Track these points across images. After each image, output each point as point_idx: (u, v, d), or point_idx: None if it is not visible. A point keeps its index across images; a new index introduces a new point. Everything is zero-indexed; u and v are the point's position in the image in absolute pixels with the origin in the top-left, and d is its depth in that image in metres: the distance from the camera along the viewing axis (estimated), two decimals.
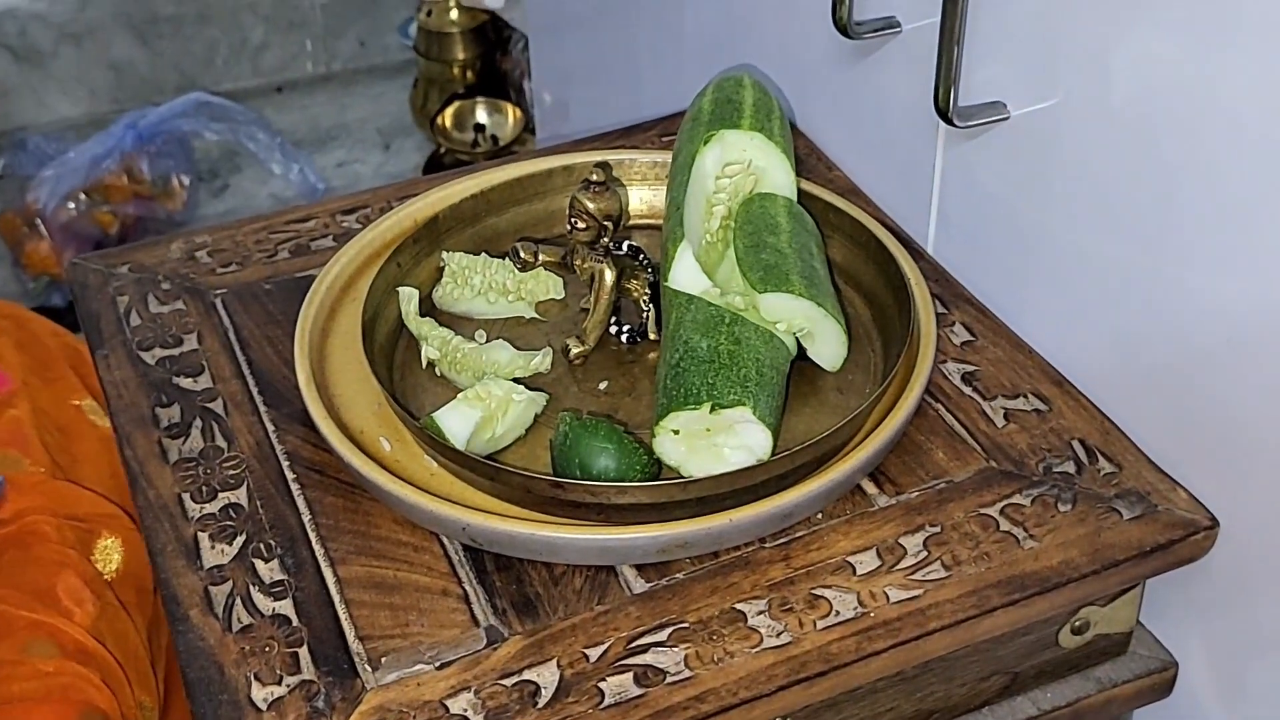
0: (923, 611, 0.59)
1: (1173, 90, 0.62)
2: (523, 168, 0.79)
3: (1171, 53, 0.61)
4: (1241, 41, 0.57)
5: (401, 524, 0.64)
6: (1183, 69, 0.61)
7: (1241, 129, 0.59)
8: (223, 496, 0.66)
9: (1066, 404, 0.69)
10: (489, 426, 0.64)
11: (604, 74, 1.33)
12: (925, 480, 0.65)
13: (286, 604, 0.61)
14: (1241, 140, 0.59)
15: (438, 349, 0.69)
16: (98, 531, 0.85)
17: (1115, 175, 0.66)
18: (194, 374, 0.74)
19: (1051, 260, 0.72)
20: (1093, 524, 0.63)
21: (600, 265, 0.66)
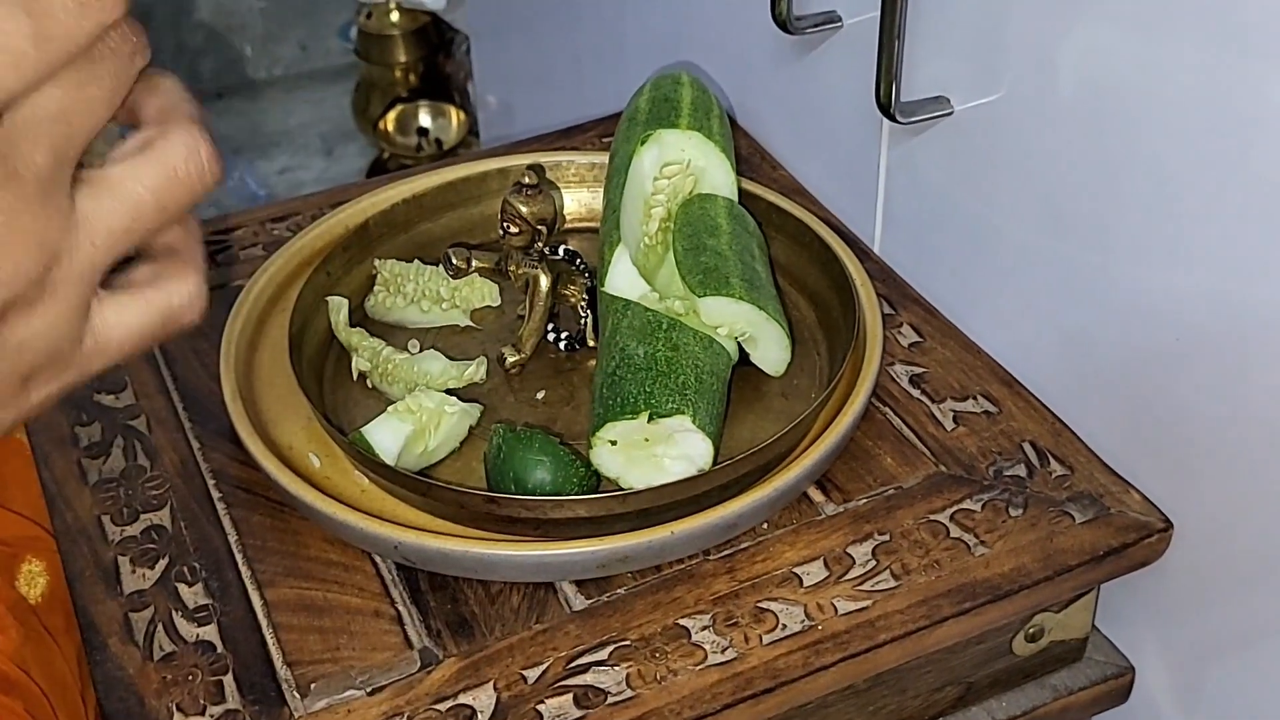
0: (872, 623, 0.57)
1: (1117, 84, 0.60)
2: (457, 171, 0.77)
3: (1116, 46, 0.60)
4: (1185, 34, 0.56)
5: (332, 543, 0.61)
6: (1127, 63, 0.59)
7: (1186, 123, 0.57)
8: (145, 518, 0.64)
9: (1016, 405, 0.68)
10: (421, 440, 0.61)
11: (547, 75, 1.31)
12: (874, 487, 0.63)
13: (211, 629, 0.58)
14: (1187, 135, 0.57)
15: (368, 360, 0.67)
16: (21, 555, 0.82)
17: (1061, 170, 0.65)
18: (116, 390, 0.71)
19: (998, 258, 0.70)
20: (1045, 528, 0.61)
21: (535, 271, 0.64)
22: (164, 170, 0.37)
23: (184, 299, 0.39)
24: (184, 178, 0.37)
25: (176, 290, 0.39)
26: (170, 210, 0.37)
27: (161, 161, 0.37)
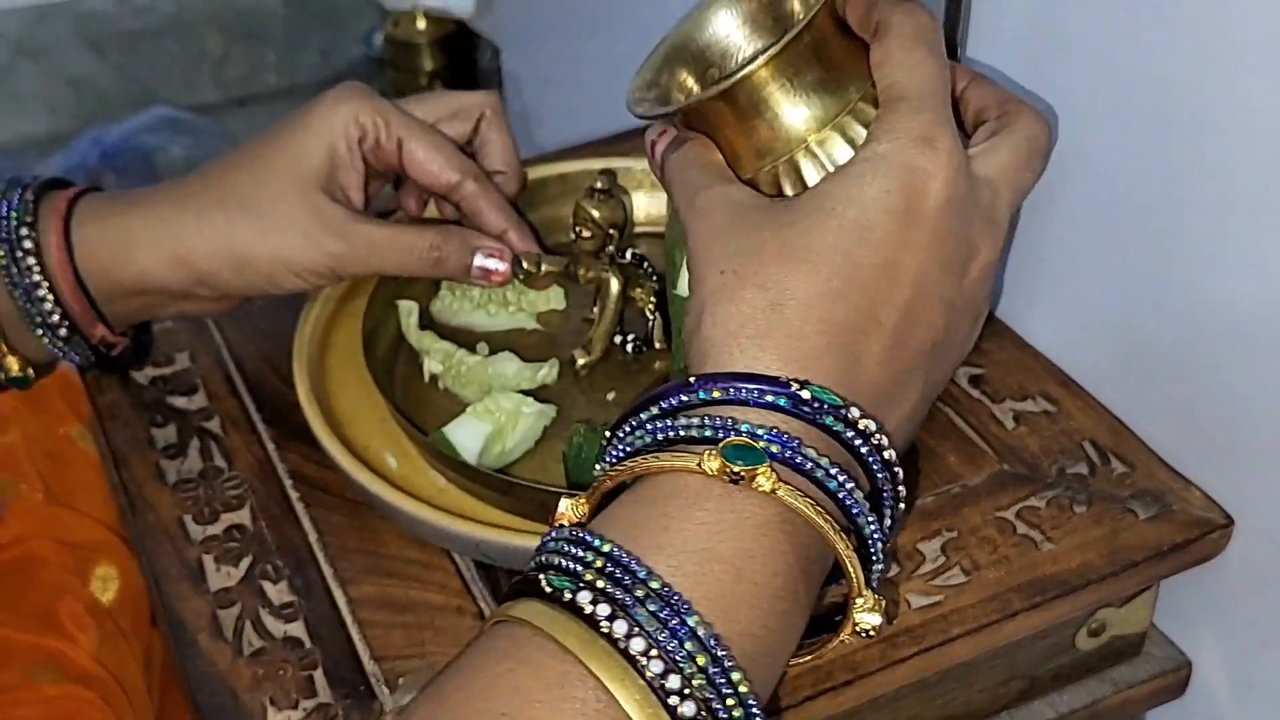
0: (945, 617, 0.59)
1: (1178, 83, 0.61)
2: None
3: (1176, 45, 0.61)
4: (1248, 34, 0.57)
5: (410, 541, 0.63)
6: (1188, 62, 0.60)
7: (1250, 123, 0.58)
8: (225, 517, 0.65)
9: (1075, 405, 0.69)
10: (499, 440, 0.63)
11: (579, 82, 1.32)
12: (939, 485, 0.65)
13: (298, 626, 0.60)
14: (1249, 134, 0.59)
15: (440, 363, 0.68)
16: (94, 559, 0.83)
17: (1119, 171, 0.66)
18: (188, 393, 0.72)
19: (1054, 258, 0.72)
20: (1109, 525, 0.62)
21: (606, 274, 0.65)
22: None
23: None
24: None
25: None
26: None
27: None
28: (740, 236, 0.49)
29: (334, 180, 0.64)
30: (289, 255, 0.63)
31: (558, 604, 0.42)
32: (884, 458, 0.47)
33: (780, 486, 0.44)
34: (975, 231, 0.50)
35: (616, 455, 0.48)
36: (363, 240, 0.63)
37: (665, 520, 0.44)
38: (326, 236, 0.63)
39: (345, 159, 0.64)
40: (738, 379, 0.46)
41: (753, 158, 0.52)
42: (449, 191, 0.66)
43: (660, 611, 0.41)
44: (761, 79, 0.51)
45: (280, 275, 0.64)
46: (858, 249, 0.47)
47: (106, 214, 0.65)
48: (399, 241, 0.64)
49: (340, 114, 0.64)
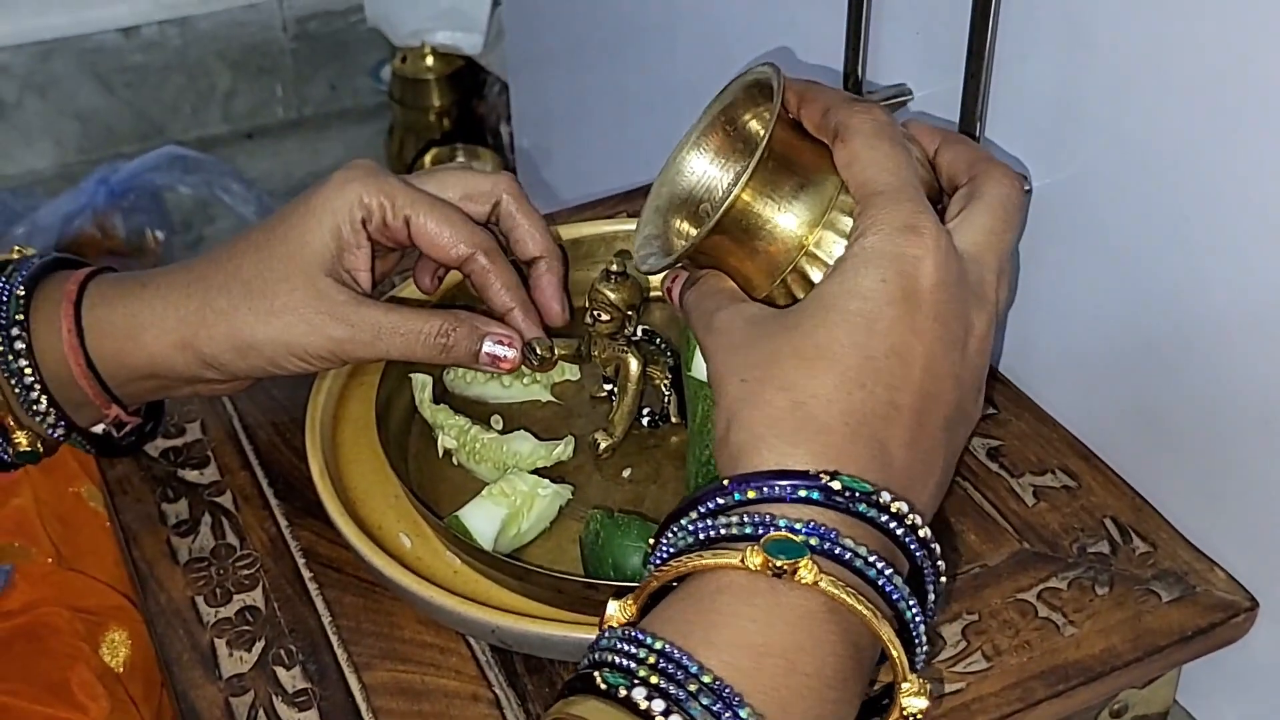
0: (967, 706, 0.58)
1: (1194, 160, 0.61)
2: None
3: (1193, 122, 0.60)
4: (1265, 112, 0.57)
5: (426, 624, 0.62)
6: (1204, 138, 0.60)
7: (1268, 195, 0.58)
8: (238, 599, 0.64)
9: (1095, 480, 0.68)
10: (514, 523, 0.62)
11: (586, 118, 1.32)
12: (960, 565, 0.64)
13: (312, 715, 0.59)
14: (1267, 209, 0.58)
15: (455, 439, 0.67)
16: (106, 624, 0.83)
17: (1138, 245, 0.66)
18: (199, 466, 0.72)
19: (1074, 331, 0.71)
20: (1132, 608, 0.62)
21: (624, 355, 0.65)
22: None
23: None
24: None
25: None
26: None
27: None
28: (755, 346, 0.50)
29: (339, 262, 0.64)
30: (291, 340, 0.63)
31: (613, 700, 0.43)
32: (920, 537, 0.48)
33: (822, 578, 0.45)
34: (969, 306, 0.51)
35: (660, 557, 0.49)
36: (368, 325, 0.63)
37: (715, 616, 0.45)
38: (330, 321, 0.62)
39: (350, 240, 0.63)
40: (771, 476, 0.47)
41: (764, 277, 0.54)
42: (461, 266, 0.65)
43: (713, 705, 0.42)
44: (745, 203, 0.53)
45: (283, 359, 0.63)
46: (867, 340, 0.49)
47: (116, 297, 0.64)
48: (405, 327, 0.63)
49: (345, 196, 0.63)
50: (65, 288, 0.64)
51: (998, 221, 0.53)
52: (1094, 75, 0.65)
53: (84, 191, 1.66)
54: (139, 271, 0.67)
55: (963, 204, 0.54)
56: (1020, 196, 0.54)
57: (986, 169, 0.55)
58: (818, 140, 0.54)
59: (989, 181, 0.54)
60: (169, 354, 0.63)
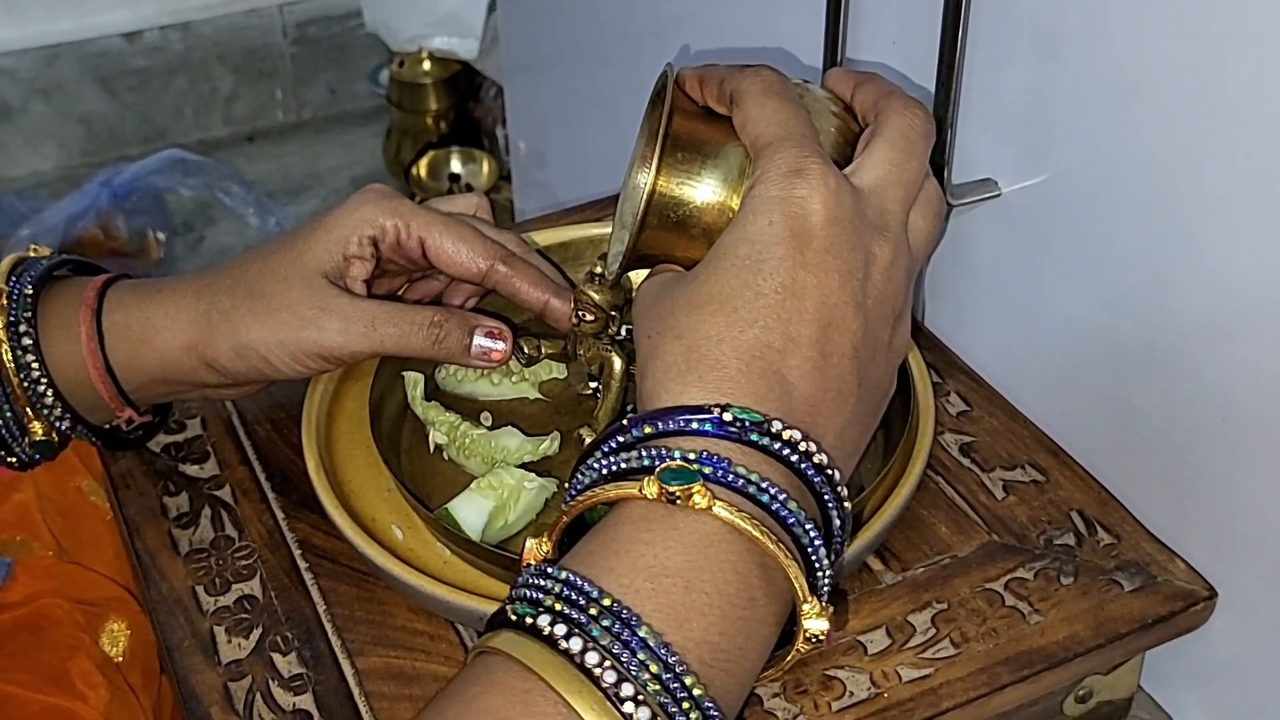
0: (935, 691, 0.60)
1: (1165, 166, 0.63)
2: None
3: (1163, 128, 0.63)
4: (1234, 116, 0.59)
5: (417, 612, 0.65)
6: (1175, 144, 0.62)
7: (1236, 203, 0.60)
8: (236, 588, 0.67)
9: (1063, 474, 0.71)
10: (501, 515, 0.65)
11: (581, 121, 1.34)
12: (930, 556, 0.67)
13: (307, 698, 0.61)
14: (1236, 215, 0.60)
15: (445, 434, 0.70)
16: (105, 615, 0.85)
17: (1109, 249, 0.68)
18: (199, 460, 0.74)
19: (1044, 331, 0.74)
20: (1095, 597, 0.64)
21: (608, 354, 0.67)
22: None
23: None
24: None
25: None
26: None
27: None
28: (658, 303, 0.54)
29: (340, 271, 0.66)
30: (285, 337, 0.65)
31: (522, 629, 0.46)
32: (816, 463, 0.50)
33: (716, 503, 0.47)
34: (868, 238, 0.53)
35: (571, 495, 0.52)
36: (361, 316, 0.65)
37: (615, 545, 0.48)
38: (324, 315, 0.64)
39: (354, 253, 0.65)
40: (665, 413, 0.50)
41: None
42: (483, 279, 0.67)
43: (613, 626, 0.45)
44: (660, 193, 0.56)
45: (278, 359, 0.65)
46: (755, 279, 0.51)
47: (133, 302, 0.67)
48: (399, 316, 0.65)
49: (359, 214, 0.66)
50: (84, 294, 0.67)
51: (898, 153, 0.55)
52: (1064, 83, 0.67)
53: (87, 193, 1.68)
54: (155, 278, 0.69)
55: (865, 141, 0.56)
56: (923, 125, 0.56)
57: (888, 104, 0.56)
58: (726, 117, 0.57)
59: (890, 115, 0.56)
60: (178, 357, 0.66)
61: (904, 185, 0.55)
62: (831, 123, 0.57)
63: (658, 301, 0.54)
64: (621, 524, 0.49)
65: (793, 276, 0.51)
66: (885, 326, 0.54)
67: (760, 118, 0.54)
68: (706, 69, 0.58)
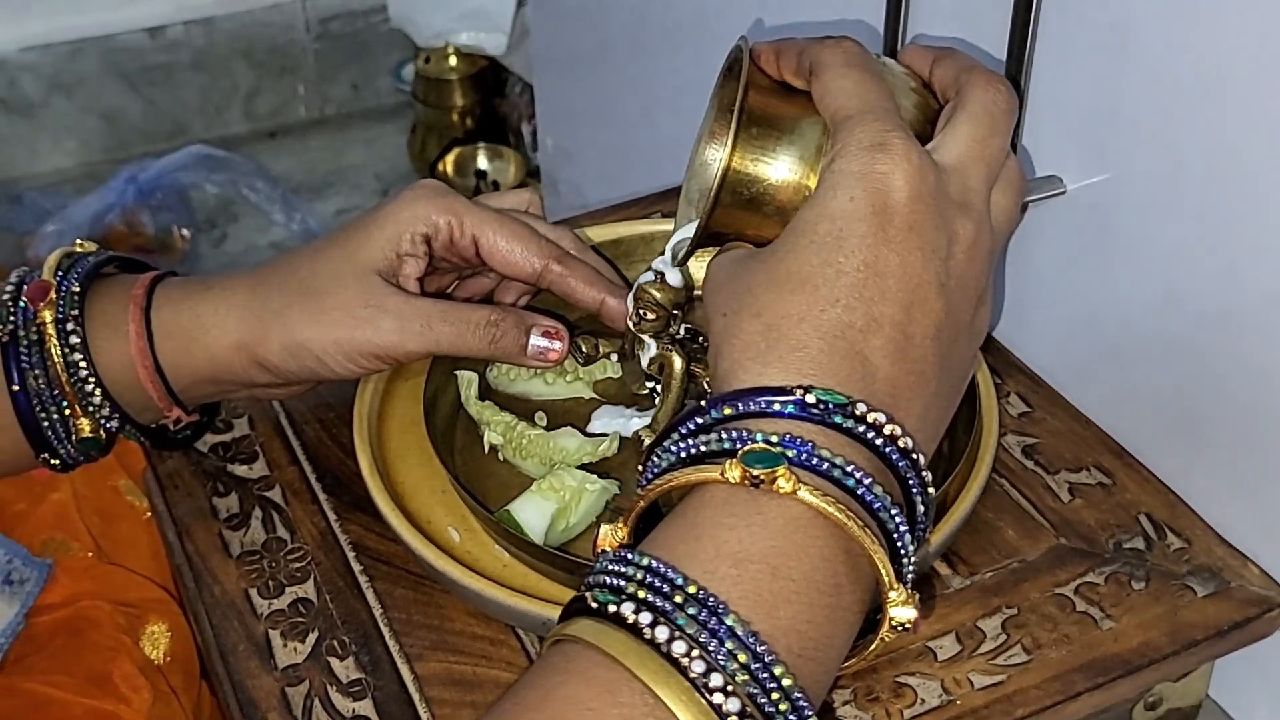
0: (1009, 698, 0.59)
1: (1235, 163, 0.62)
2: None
3: (1234, 126, 0.62)
4: None
5: (476, 616, 0.63)
6: (1245, 142, 0.61)
7: None
8: (290, 591, 0.66)
9: (1130, 477, 0.69)
10: (563, 517, 0.63)
11: (613, 118, 1.33)
12: (998, 560, 0.65)
13: (366, 704, 0.60)
14: None
15: (501, 434, 0.69)
16: (146, 617, 0.84)
17: (1177, 249, 0.67)
18: (248, 460, 0.73)
19: (1108, 332, 0.72)
20: (1168, 603, 0.63)
21: (669, 353, 0.66)
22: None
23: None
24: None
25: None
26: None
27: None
28: (733, 281, 0.52)
29: (394, 268, 0.65)
30: (340, 336, 0.64)
31: (604, 618, 0.44)
32: (900, 447, 0.49)
33: (801, 487, 0.46)
34: (951, 216, 0.51)
35: (646, 479, 0.50)
36: (417, 315, 0.64)
37: (698, 530, 0.46)
38: (379, 314, 0.63)
39: (407, 250, 0.64)
40: (745, 394, 0.48)
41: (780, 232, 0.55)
42: (537, 279, 0.66)
43: (699, 614, 0.43)
44: (736, 170, 0.55)
45: (331, 358, 0.64)
46: (837, 256, 0.49)
47: (182, 299, 0.65)
48: (455, 315, 0.64)
49: (412, 211, 0.65)
50: (131, 292, 0.66)
51: (981, 129, 0.53)
52: (1132, 79, 0.66)
53: (113, 189, 1.67)
54: (204, 276, 0.68)
55: (947, 118, 0.54)
56: (1007, 101, 0.54)
57: (969, 79, 0.55)
58: (803, 91, 0.56)
59: (972, 90, 0.54)
60: (228, 356, 0.65)
61: (987, 163, 0.53)
62: (910, 99, 0.56)
63: (732, 279, 0.52)
64: (703, 509, 0.47)
65: (875, 254, 0.49)
66: (968, 307, 0.52)
67: (841, 90, 0.53)
68: (783, 42, 0.56)
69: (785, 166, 0.55)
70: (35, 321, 0.65)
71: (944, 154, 0.52)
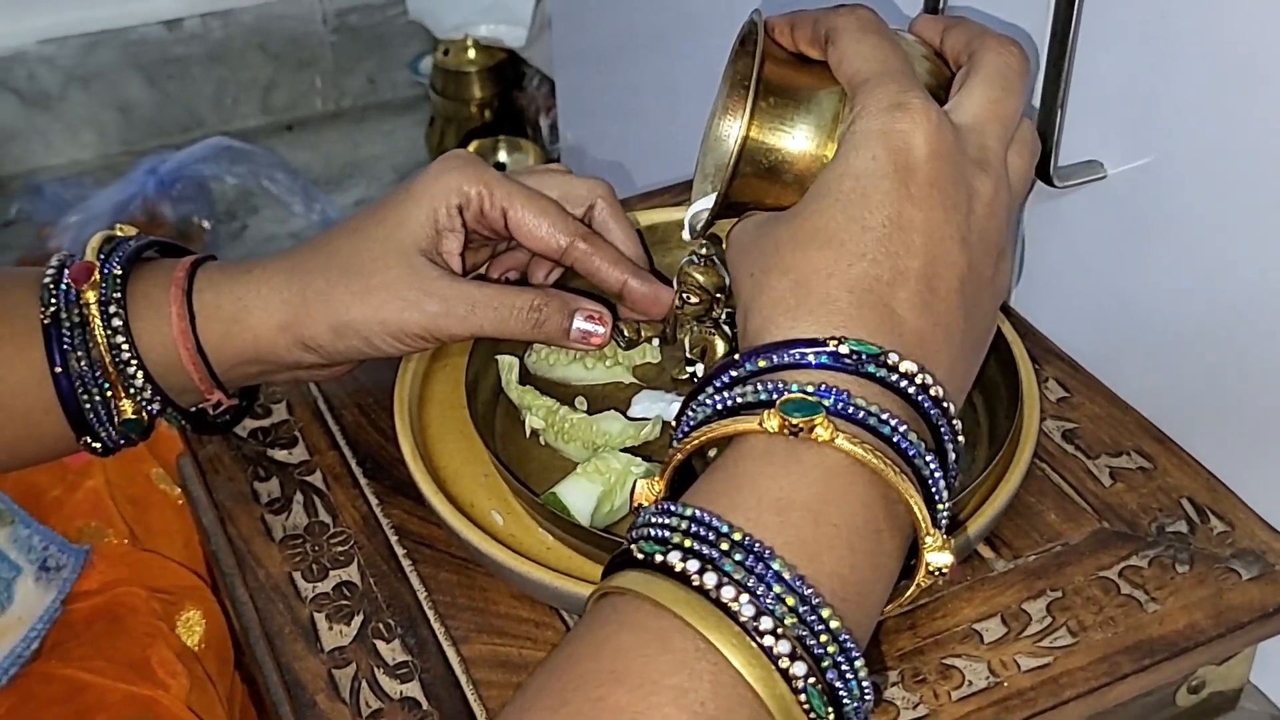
0: (1055, 680, 0.59)
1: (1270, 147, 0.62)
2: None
3: (1275, 113, 0.61)
4: None
5: (520, 599, 0.63)
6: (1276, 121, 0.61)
7: None
8: (334, 574, 0.66)
9: (1170, 461, 0.69)
10: (608, 500, 0.64)
11: (634, 111, 1.33)
12: (1041, 543, 0.65)
13: (414, 686, 0.60)
14: None
15: (543, 419, 0.69)
16: (181, 604, 0.85)
17: (1214, 233, 0.67)
18: (288, 446, 0.73)
19: (1147, 317, 0.72)
20: (1213, 585, 0.63)
21: (712, 337, 0.66)
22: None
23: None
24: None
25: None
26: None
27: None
28: (759, 242, 0.53)
29: (434, 245, 0.65)
30: (387, 317, 0.64)
31: (650, 568, 0.45)
32: (932, 395, 0.49)
33: (839, 435, 0.46)
34: (969, 173, 0.52)
35: (682, 432, 0.51)
36: (462, 299, 0.64)
37: (740, 480, 0.47)
38: (425, 297, 0.64)
39: (446, 224, 0.65)
40: (778, 346, 0.49)
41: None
42: (561, 255, 0.66)
43: (745, 560, 0.44)
44: (754, 140, 0.55)
45: (378, 338, 0.65)
46: (861, 213, 0.50)
47: (223, 282, 0.66)
48: (499, 301, 0.64)
49: (444, 183, 0.65)
50: (173, 275, 0.66)
51: (995, 90, 0.54)
52: (1174, 63, 0.66)
53: (133, 181, 1.68)
54: (243, 259, 0.68)
55: (961, 80, 0.55)
56: (1020, 62, 0.55)
57: (982, 43, 0.55)
58: (819, 62, 0.56)
59: (985, 53, 0.55)
60: (272, 337, 0.65)
61: (1002, 122, 0.54)
62: (924, 66, 0.56)
63: (757, 240, 0.53)
64: (742, 459, 0.48)
65: (898, 210, 0.50)
66: (989, 262, 0.53)
67: (857, 54, 0.53)
68: (797, 13, 0.57)
69: (803, 136, 0.56)
70: (79, 303, 0.65)
71: (960, 114, 0.53)
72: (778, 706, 0.42)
